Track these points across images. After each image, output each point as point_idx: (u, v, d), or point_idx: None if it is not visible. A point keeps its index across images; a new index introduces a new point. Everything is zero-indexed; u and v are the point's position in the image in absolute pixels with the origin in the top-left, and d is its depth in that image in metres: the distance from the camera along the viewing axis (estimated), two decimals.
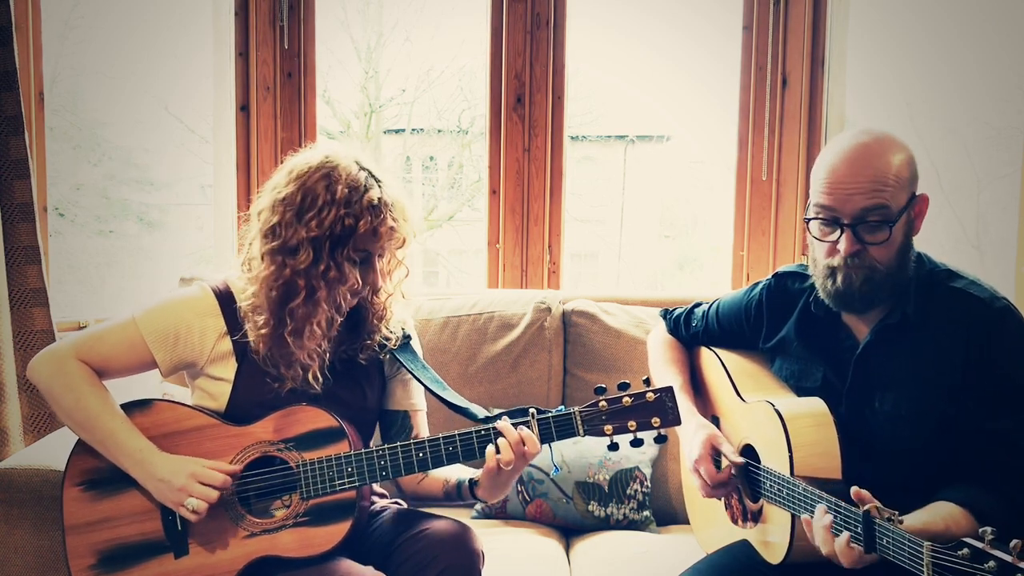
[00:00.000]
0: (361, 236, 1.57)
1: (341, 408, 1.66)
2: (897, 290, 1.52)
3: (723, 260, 2.95)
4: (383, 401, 1.80)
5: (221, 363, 1.66)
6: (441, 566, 1.56)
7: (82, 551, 1.60)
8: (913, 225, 1.52)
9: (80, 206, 3.87)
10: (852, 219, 1.46)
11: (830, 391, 1.60)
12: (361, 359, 1.71)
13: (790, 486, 1.50)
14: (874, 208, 1.45)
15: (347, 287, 1.59)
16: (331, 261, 1.56)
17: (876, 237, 1.46)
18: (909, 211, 1.50)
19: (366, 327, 1.71)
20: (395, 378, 1.80)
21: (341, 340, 1.70)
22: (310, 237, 1.55)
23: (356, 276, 1.60)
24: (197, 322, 1.64)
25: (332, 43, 4.22)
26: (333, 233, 1.55)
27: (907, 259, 1.52)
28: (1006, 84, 3.15)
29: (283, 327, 1.58)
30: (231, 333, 1.64)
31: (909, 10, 3.32)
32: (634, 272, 5.20)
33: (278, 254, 1.58)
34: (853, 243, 1.46)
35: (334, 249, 1.56)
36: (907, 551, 1.23)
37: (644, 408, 1.57)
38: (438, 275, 5.13)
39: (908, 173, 1.49)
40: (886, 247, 1.47)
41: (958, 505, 1.39)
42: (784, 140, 2.79)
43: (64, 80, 3.52)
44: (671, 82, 4.83)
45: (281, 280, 1.57)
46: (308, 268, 1.56)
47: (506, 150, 2.81)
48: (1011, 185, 2.73)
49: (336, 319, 1.62)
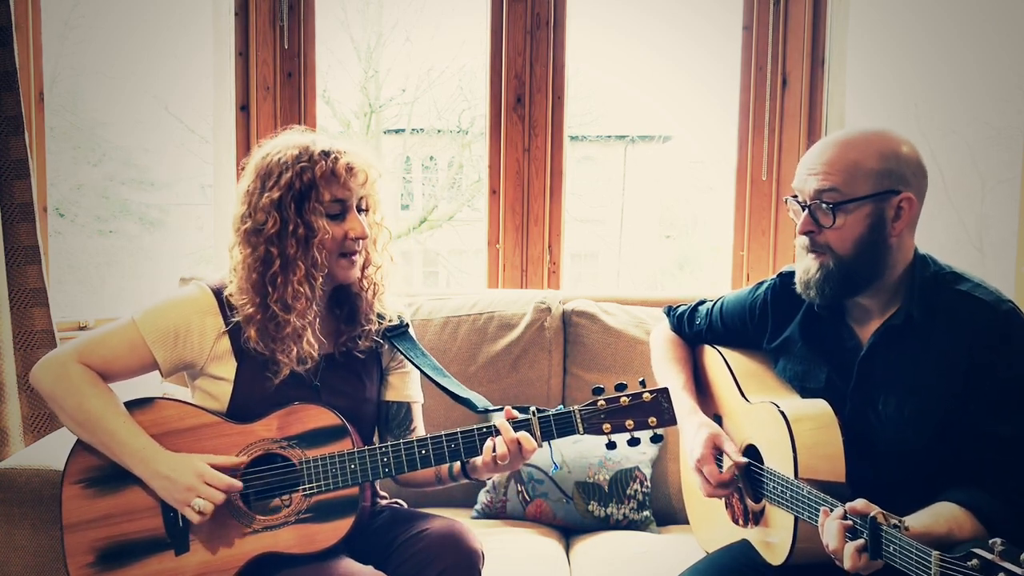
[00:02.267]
0: (322, 180, 1.59)
1: (341, 400, 1.67)
2: (859, 286, 1.52)
3: (723, 260, 2.95)
4: (381, 392, 1.80)
5: (221, 362, 1.66)
6: (441, 566, 1.56)
7: (81, 549, 1.59)
8: (888, 222, 1.49)
9: (80, 206, 3.87)
10: (809, 199, 1.51)
11: (834, 392, 1.60)
12: (358, 352, 1.72)
13: (794, 488, 1.49)
14: (825, 189, 1.49)
15: (318, 240, 1.61)
16: (298, 219, 1.59)
17: (826, 220, 1.49)
18: (876, 205, 1.47)
19: (361, 310, 1.72)
20: (394, 370, 1.81)
21: (339, 332, 1.72)
22: (274, 202, 1.59)
23: (328, 227, 1.61)
24: (197, 320, 1.65)
25: (332, 43, 4.22)
26: (293, 189, 1.59)
27: (875, 256, 1.50)
28: (1007, 84, 3.14)
29: (267, 298, 1.60)
30: (230, 331, 1.65)
31: (909, 10, 3.32)
32: (634, 272, 5.20)
33: (250, 235, 1.62)
34: (807, 223, 1.52)
35: (300, 206, 1.59)
36: (914, 559, 1.22)
37: (641, 408, 1.60)
38: (438, 275, 5.13)
39: (879, 167, 1.47)
40: (839, 233, 1.49)
41: (961, 507, 1.39)
42: (784, 140, 2.79)
43: (64, 80, 3.52)
44: (671, 82, 4.84)
45: (256, 256, 1.61)
46: (278, 233, 1.60)
47: (506, 150, 2.81)
48: (1012, 186, 2.73)
49: (317, 278, 1.63)
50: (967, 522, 1.37)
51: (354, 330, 1.72)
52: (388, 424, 1.80)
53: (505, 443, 1.56)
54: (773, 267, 2.78)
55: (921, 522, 1.36)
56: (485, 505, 2.26)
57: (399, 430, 1.79)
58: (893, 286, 1.54)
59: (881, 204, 1.48)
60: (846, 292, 1.53)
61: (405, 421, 1.80)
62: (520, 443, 1.56)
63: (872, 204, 1.48)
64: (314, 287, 1.62)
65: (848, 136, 1.52)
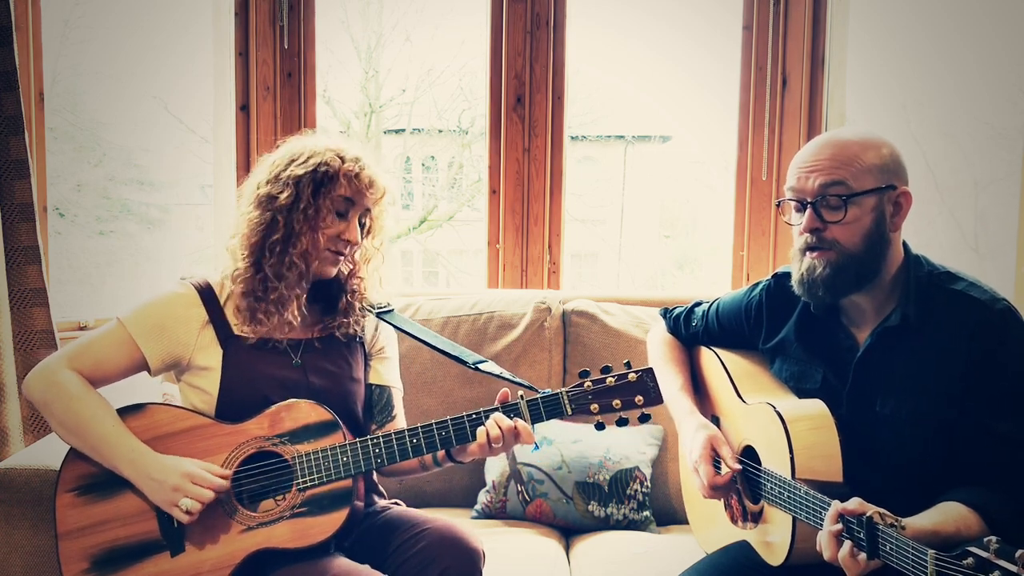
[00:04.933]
0: (343, 177, 1.67)
1: (326, 379, 1.70)
2: (865, 279, 1.52)
3: (723, 260, 2.95)
4: (367, 375, 1.83)
5: (206, 352, 1.68)
6: (442, 566, 1.57)
7: (75, 556, 1.59)
8: (887, 217, 1.51)
9: (80, 206, 3.87)
10: (813, 196, 1.50)
11: (830, 393, 1.60)
12: (340, 336, 1.76)
13: (791, 489, 1.50)
14: (832, 183, 1.48)
15: (322, 224, 1.67)
16: (311, 200, 1.66)
17: (835, 215, 1.49)
18: (880, 199, 1.49)
19: (341, 307, 1.77)
20: (376, 355, 1.85)
21: (319, 318, 1.77)
22: (295, 177, 1.67)
23: (333, 219, 1.68)
24: (181, 312, 1.69)
25: (332, 43, 4.22)
26: (317, 173, 1.66)
27: (878, 250, 1.51)
28: (1006, 84, 3.14)
29: (262, 261, 1.67)
30: (213, 321, 1.69)
31: (909, 10, 3.31)
32: (634, 272, 5.20)
33: (264, 200, 1.69)
34: (813, 219, 1.51)
35: (317, 190, 1.66)
36: (911, 558, 1.22)
37: (627, 387, 1.63)
38: (438, 275, 5.13)
39: (878, 161, 1.49)
40: (848, 228, 1.49)
41: (968, 507, 1.39)
42: (784, 140, 2.79)
43: (64, 80, 3.52)
44: (671, 82, 4.83)
45: (263, 220, 1.68)
46: (290, 206, 1.66)
47: (506, 150, 2.81)
48: (1011, 187, 2.73)
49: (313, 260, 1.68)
50: (975, 522, 1.37)
51: (333, 320, 1.77)
52: (372, 408, 1.82)
53: (499, 428, 1.59)
54: (773, 267, 2.78)
55: (932, 520, 1.36)
56: (485, 505, 2.26)
57: (380, 416, 1.82)
58: (888, 286, 1.54)
59: (883, 198, 1.50)
60: (854, 286, 1.53)
61: (387, 407, 1.82)
62: (517, 429, 1.60)
63: (876, 198, 1.49)
64: (308, 266, 1.68)
65: (840, 136, 1.53)
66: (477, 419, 1.61)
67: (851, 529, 1.33)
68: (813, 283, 1.53)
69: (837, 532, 1.34)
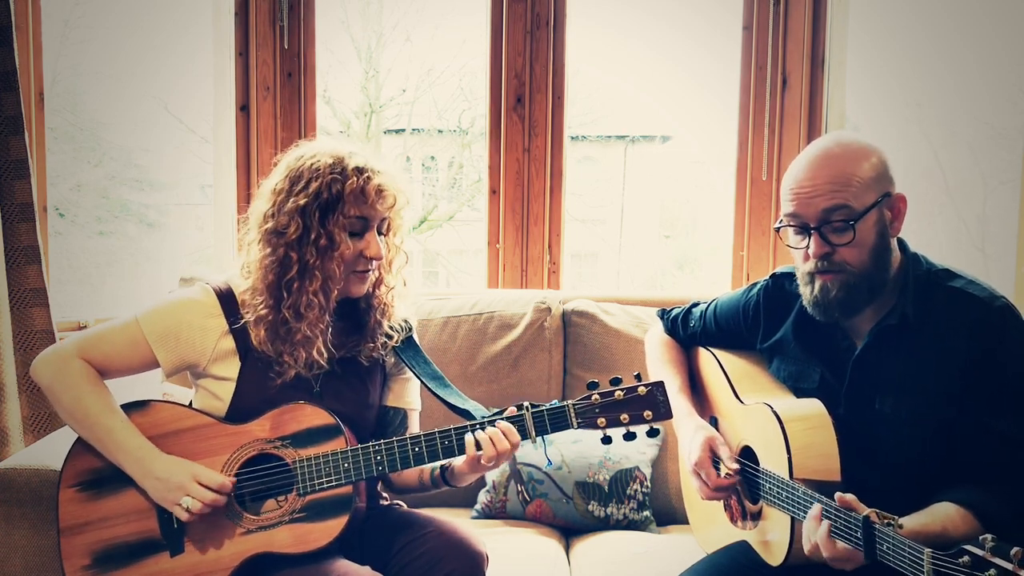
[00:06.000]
0: (350, 196, 1.59)
1: (343, 405, 1.67)
2: (876, 292, 1.52)
3: (723, 260, 2.95)
4: (383, 397, 1.81)
5: (224, 362, 1.66)
6: (447, 570, 1.56)
7: (77, 552, 1.59)
8: (888, 225, 1.51)
9: (80, 206, 3.87)
10: (817, 222, 1.48)
11: (828, 392, 1.60)
12: (362, 359, 1.72)
13: (789, 489, 1.50)
14: (835, 208, 1.47)
15: (338, 252, 1.60)
16: (321, 229, 1.59)
17: (842, 238, 1.48)
18: (880, 211, 1.49)
19: (369, 326, 1.72)
20: (395, 376, 1.81)
21: (344, 340, 1.71)
22: (299, 208, 1.59)
23: (348, 242, 1.61)
24: (199, 322, 1.65)
25: (332, 43, 4.22)
26: (321, 199, 1.58)
27: (885, 260, 1.51)
28: (1007, 84, 3.14)
29: (281, 303, 1.61)
30: (233, 331, 1.65)
31: (909, 10, 3.32)
32: (634, 272, 5.20)
33: (272, 235, 1.62)
34: (821, 245, 1.49)
35: (324, 217, 1.59)
36: (907, 557, 1.23)
37: (636, 402, 1.59)
38: (438, 275, 5.13)
39: (873, 173, 1.48)
40: (856, 248, 1.48)
41: (958, 505, 1.39)
42: (784, 140, 2.79)
43: (64, 80, 3.52)
44: (671, 82, 4.84)
45: (275, 258, 1.61)
46: (299, 239, 1.59)
47: (506, 150, 2.81)
48: (1013, 187, 2.73)
49: (333, 290, 1.63)
50: (962, 521, 1.38)
51: (359, 343, 1.72)
52: (386, 429, 1.80)
53: (491, 439, 1.56)
54: (773, 267, 2.78)
55: (917, 521, 1.36)
56: (485, 505, 2.26)
57: (395, 435, 1.77)
58: (887, 285, 1.54)
59: (882, 209, 1.50)
60: (868, 302, 1.52)
61: (400, 428, 1.80)
62: (504, 434, 1.56)
63: (877, 211, 1.49)
64: (328, 298, 1.62)
65: (830, 150, 1.50)
66: (480, 428, 1.59)
67: (848, 528, 1.33)
68: (829, 305, 1.52)
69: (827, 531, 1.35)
